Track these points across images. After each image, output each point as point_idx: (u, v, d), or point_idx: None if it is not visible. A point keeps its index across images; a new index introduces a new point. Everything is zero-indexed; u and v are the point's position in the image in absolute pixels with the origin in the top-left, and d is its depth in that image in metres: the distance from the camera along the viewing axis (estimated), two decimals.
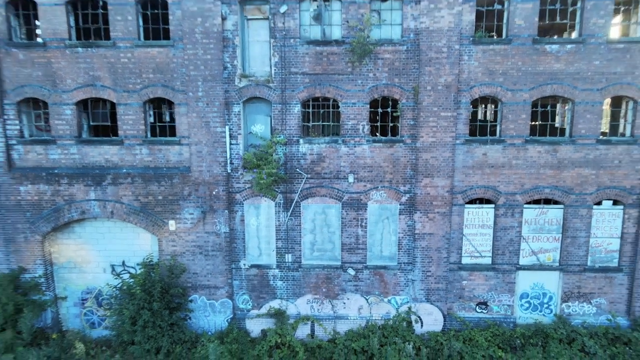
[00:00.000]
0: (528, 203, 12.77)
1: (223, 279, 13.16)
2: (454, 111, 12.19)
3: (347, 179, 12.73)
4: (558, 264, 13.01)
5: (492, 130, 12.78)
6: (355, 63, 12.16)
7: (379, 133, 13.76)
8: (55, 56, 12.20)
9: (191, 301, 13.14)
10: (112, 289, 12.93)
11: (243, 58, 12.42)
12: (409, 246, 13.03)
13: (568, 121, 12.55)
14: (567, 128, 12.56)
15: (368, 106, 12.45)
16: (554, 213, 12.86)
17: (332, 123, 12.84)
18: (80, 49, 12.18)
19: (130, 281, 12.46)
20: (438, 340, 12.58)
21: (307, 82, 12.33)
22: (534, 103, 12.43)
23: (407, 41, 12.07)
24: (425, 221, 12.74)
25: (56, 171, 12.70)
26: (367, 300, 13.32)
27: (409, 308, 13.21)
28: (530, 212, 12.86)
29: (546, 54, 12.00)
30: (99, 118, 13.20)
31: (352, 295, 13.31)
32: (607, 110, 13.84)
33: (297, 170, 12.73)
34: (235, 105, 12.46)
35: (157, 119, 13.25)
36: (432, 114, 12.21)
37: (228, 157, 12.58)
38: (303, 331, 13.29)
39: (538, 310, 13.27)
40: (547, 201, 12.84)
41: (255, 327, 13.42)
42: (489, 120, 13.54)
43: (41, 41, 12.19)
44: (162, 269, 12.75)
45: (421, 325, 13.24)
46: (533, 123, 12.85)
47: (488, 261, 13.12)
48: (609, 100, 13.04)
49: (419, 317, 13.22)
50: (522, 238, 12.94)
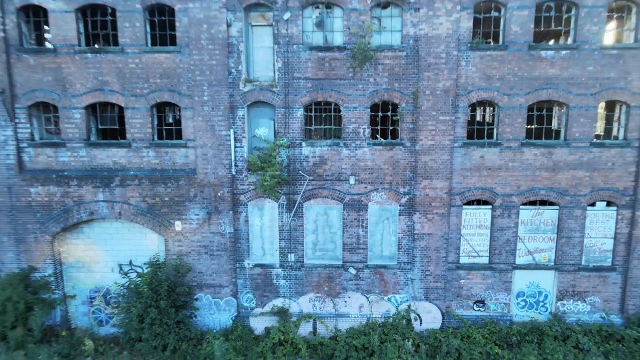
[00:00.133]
0: (524, 204, 13.12)
1: (227, 278, 13.52)
2: (452, 115, 12.54)
3: (349, 181, 13.09)
4: (553, 264, 13.36)
5: (489, 133, 13.14)
6: (356, 68, 12.51)
7: (380, 136, 14.12)
8: (65, 61, 12.55)
9: (197, 299, 13.48)
10: (120, 288, 13.26)
11: (247, 63, 12.77)
12: (409, 246, 13.39)
13: (563, 125, 12.91)
14: (562, 131, 12.92)
15: (369, 110, 12.80)
16: (549, 214, 13.22)
17: (334, 126, 13.20)
18: (89, 55, 12.54)
19: (137, 280, 12.80)
20: (437, 337, 12.92)
21: (310, 87, 12.69)
22: (530, 107, 12.80)
23: (407, 47, 12.43)
24: (424, 222, 13.09)
25: (66, 173, 13.05)
26: (368, 298, 13.67)
27: (409, 306, 13.57)
28: (526, 213, 13.22)
29: (541, 60, 12.36)
30: (107, 121, 13.54)
31: (353, 293, 13.66)
32: (602, 113, 14.19)
33: (300, 172, 13.09)
34: (239, 109, 12.82)
35: (164, 123, 13.57)
36: (431, 118, 12.57)
37: (233, 160, 12.94)
38: (305, 329, 13.65)
39: (534, 308, 13.62)
40: (543, 202, 13.19)
41: (259, 325, 13.77)
42: (487, 122, 13.86)
43: (51, 47, 12.55)
44: (169, 268, 13.08)
45: (420, 323, 13.59)
46: (529, 126, 13.21)
47: (485, 261, 13.47)
48: (604, 104, 13.38)
49: (418, 315, 13.57)
50: (519, 238, 13.29)
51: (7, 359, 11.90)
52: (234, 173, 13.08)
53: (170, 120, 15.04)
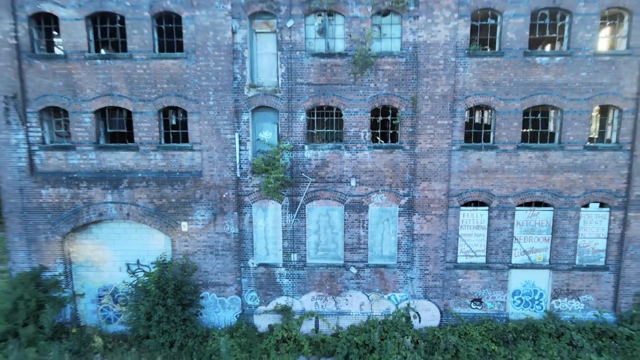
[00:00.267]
0: (520, 205, 13.53)
1: (232, 277, 13.92)
2: (450, 119, 12.95)
3: (350, 183, 13.49)
4: (548, 263, 13.76)
5: (486, 137, 13.56)
6: (357, 74, 12.91)
7: (380, 139, 14.52)
8: (75, 67, 12.95)
9: (202, 298, 13.89)
10: (128, 287, 13.65)
11: (252, 69, 13.18)
12: (408, 246, 13.79)
13: (557, 128, 13.33)
14: (557, 135, 13.33)
15: (369, 114, 13.20)
16: (544, 215, 13.63)
17: (336, 130, 13.61)
18: (99, 61, 12.94)
19: (145, 279, 13.21)
20: (435, 334, 13.31)
21: (312, 92, 13.09)
22: (525, 111, 13.22)
23: (406, 54, 12.83)
24: (423, 222, 13.50)
25: (75, 175, 13.45)
26: (368, 297, 14.08)
27: (408, 304, 13.96)
28: (521, 214, 13.62)
29: (536, 66, 12.76)
30: (116, 125, 13.94)
31: (354, 292, 14.07)
32: (596, 117, 14.59)
33: (303, 174, 13.49)
34: (244, 113, 13.22)
35: (171, 126, 13.95)
36: (430, 122, 12.97)
37: (237, 163, 13.35)
38: (308, 326, 14.05)
39: (529, 306, 14.02)
40: (538, 204, 13.59)
41: (262, 323, 14.17)
42: (484, 124, 14.27)
43: (62, 53, 12.96)
44: (175, 268, 13.48)
45: (419, 320, 13.99)
46: (524, 130, 13.59)
47: (482, 260, 13.88)
48: (598, 108, 13.78)
49: (417, 313, 13.98)
50: (514, 238, 13.70)
51: (20, 356, 12.28)
52: (239, 175, 13.48)
53: (176, 123, 15.39)
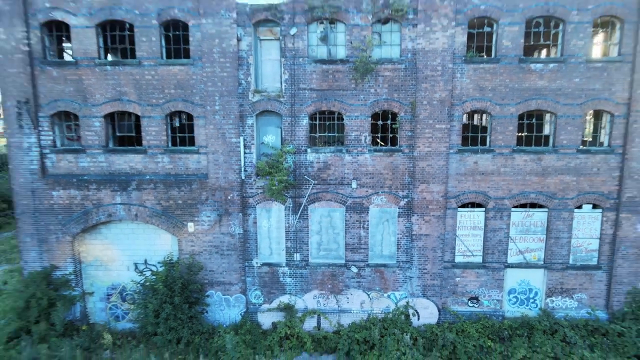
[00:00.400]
0: (515, 207, 13.97)
1: (237, 276, 14.37)
2: (448, 123, 13.40)
3: (351, 185, 13.94)
4: (543, 262, 14.20)
5: (483, 140, 14.00)
6: (358, 80, 13.36)
7: (380, 142, 14.97)
8: (85, 73, 13.38)
9: (208, 296, 14.34)
10: (136, 285, 14.09)
11: (256, 75, 13.63)
12: (407, 246, 14.24)
13: (551, 132, 13.77)
14: (551, 139, 13.77)
15: (370, 119, 13.64)
16: (539, 216, 14.07)
17: (337, 134, 14.06)
18: (108, 67, 13.39)
19: (152, 278, 13.65)
20: (433, 331, 13.74)
21: (315, 97, 13.54)
22: (520, 116, 13.65)
23: (405, 60, 13.27)
24: (421, 223, 13.94)
25: (85, 178, 13.89)
26: (369, 295, 14.53)
27: (407, 302, 14.41)
28: (517, 215, 14.07)
29: (531, 72, 13.20)
30: (125, 129, 14.40)
31: (355, 291, 14.52)
32: (590, 121, 15.06)
33: (305, 177, 13.94)
34: (248, 117, 13.67)
35: (178, 130, 14.40)
36: (428, 126, 13.42)
37: (242, 165, 13.80)
38: (310, 324, 14.48)
39: (525, 304, 14.48)
40: (533, 205, 14.03)
41: (266, 320, 14.62)
42: (481, 128, 14.68)
43: (73, 60, 13.37)
44: (182, 267, 13.91)
45: (418, 318, 14.44)
46: (520, 134, 14.04)
47: (479, 260, 14.32)
48: (592, 112, 14.22)
49: (416, 311, 14.43)
50: (510, 239, 14.14)
51: (32, 352, 12.72)
52: (244, 178, 13.93)
53: (183, 127, 15.84)
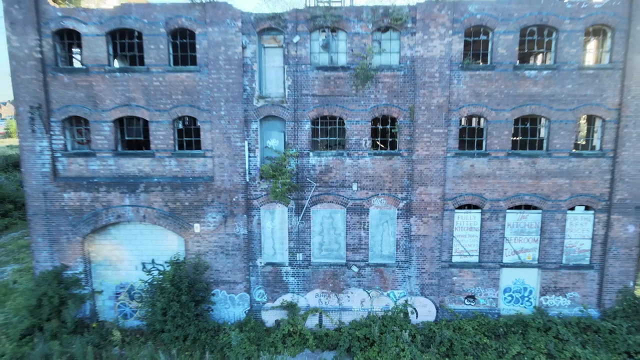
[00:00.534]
0: (510, 208, 14.47)
1: (241, 275, 14.86)
2: (445, 128, 13.88)
3: (352, 187, 14.43)
4: (537, 262, 14.69)
5: (479, 144, 14.49)
6: (358, 86, 13.84)
7: (380, 145, 15.45)
8: (96, 80, 13.87)
9: (213, 295, 14.82)
10: (144, 284, 14.59)
11: (260, 81, 14.11)
12: (406, 246, 14.73)
13: (545, 137, 14.26)
14: (544, 143, 14.25)
15: (370, 124, 14.12)
16: (533, 217, 14.57)
17: (338, 138, 14.54)
18: (118, 74, 13.87)
19: (160, 277, 14.13)
20: (431, 329, 14.21)
21: (317, 103, 14.03)
22: (515, 121, 14.15)
23: (404, 67, 13.77)
24: (420, 224, 14.44)
25: (95, 180, 14.38)
26: (369, 294, 15.01)
27: (406, 301, 14.90)
28: (512, 217, 14.56)
29: (525, 79, 13.69)
30: (133, 133, 14.84)
31: (356, 289, 15.00)
32: (584, 125, 15.54)
33: (308, 179, 14.43)
34: (253, 122, 14.16)
35: (184, 134, 14.86)
36: (426, 131, 13.91)
37: (247, 168, 14.28)
38: (312, 321, 14.97)
39: (519, 302, 14.97)
40: (527, 207, 14.53)
41: (269, 318, 15.11)
42: (477, 133, 15.17)
43: (84, 67, 13.86)
44: (188, 267, 14.41)
45: (416, 316, 14.93)
46: (514, 138, 14.52)
47: (475, 260, 14.81)
48: (584, 117, 14.71)
49: (415, 309, 14.92)
50: (505, 239, 14.64)
51: (45, 348, 13.20)
52: (248, 180, 14.42)
53: (189, 131, 16.29)
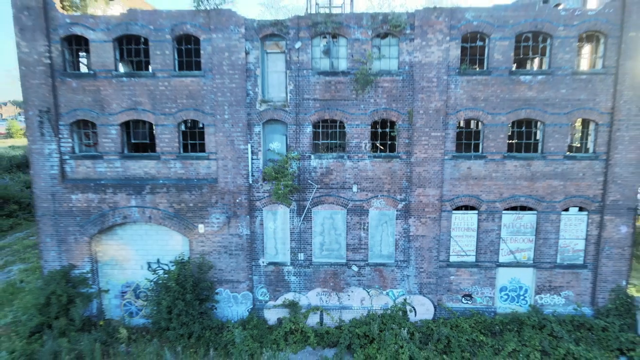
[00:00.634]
0: (506, 209, 14.85)
1: (244, 275, 15.25)
2: (443, 131, 14.27)
3: (352, 189, 14.81)
4: (532, 262, 15.07)
5: (476, 147, 14.88)
6: (358, 91, 14.23)
7: (380, 147, 15.84)
8: (103, 84, 14.26)
9: (217, 293, 15.21)
10: (149, 283, 14.98)
11: (263, 86, 14.50)
12: (405, 246, 15.12)
13: (540, 140, 14.65)
14: (539, 145, 14.64)
15: (369, 127, 14.51)
16: (529, 218, 14.96)
17: (339, 141, 14.93)
18: (124, 79, 14.25)
19: (165, 276, 14.50)
20: (429, 326, 14.57)
21: (318, 107, 14.41)
22: (511, 124, 14.54)
23: (403, 72, 14.15)
24: (418, 225, 14.83)
25: (102, 182, 14.77)
26: (369, 292, 15.40)
27: (405, 299, 15.29)
28: (508, 217, 14.95)
29: (520, 84, 14.08)
30: (139, 136, 15.24)
31: (356, 288, 15.39)
32: (579, 128, 15.92)
33: (309, 181, 14.82)
34: (256, 126, 14.55)
35: (189, 137, 15.23)
36: (424, 134, 14.30)
37: (250, 171, 14.67)
38: (313, 319, 15.35)
39: (515, 301, 15.36)
40: (523, 208, 14.90)
41: (272, 316, 15.50)
42: (474, 136, 15.54)
43: (91, 72, 14.24)
44: (193, 266, 14.79)
45: (415, 314, 15.32)
46: (510, 141, 14.91)
47: (472, 259, 15.20)
48: (577, 121, 15.09)
49: (413, 307, 15.31)
50: (501, 239, 15.03)
51: (54, 345, 13.58)
52: (251, 182, 14.81)
53: (194, 135, 16.67)
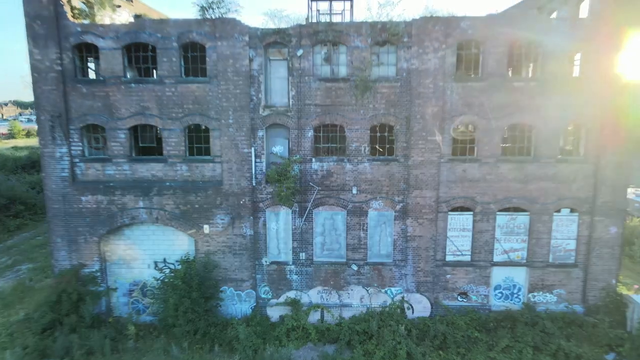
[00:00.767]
0: (500, 211, 15.37)
1: (248, 274, 15.79)
2: (439, 136, 14.82)
3: (352, 191, 15.34)
4: (525, 261, 15.59)
5: (471, 150, 15.41)
6: (358, 96, 14.75)
7: (379, 150, 16.35)
8: (112, 90, 14.78)
9: (222, 292, 15.73)
10: (156, 282, 15.50)
11: (266, 92, 15.03)
12: (402, 246, 15.65)
13: (533, 144, 15.17)
14: (532, 149, 15.17)
15: (369, 131, 15.02)
16: (522, 219, 15.50)
17: (339, 145, 15.44)
18: (133, 85, 14.78)
19: (171, 275, 15.02)
20: (426, 323, 15.03)
21: (319, 112, 14.94)
22: (505, 129, 15.08)
23: (401, 79, 14.67)
24: (415, 226, 15.36)
25: (111, 184, 15.29)
26: (368, 291, 15.93)
27: (402, 297, 15.82)
28: (502, 218, 15.48)
29: (514, 90, 14.61)
30: (147, 140, 15.76)
31: (355, 287, 15.92)
32: (569, 133, 16.43)
33: (310, 183, 15.35)
34: (259, 130, 15.08)
35: (195, 141, 15.75)
36: (421, 138, 14.83)
37: (253, 173, 15.21)
38: (314, 317, 15.85)
39: (509, 299, 15.90)
40: (516, 209, 15.41)
41: (274, 314, 16.02)
42: (469, 140, 16.03)
43: (101, 78, 14.78)
44: (198, 265, 15.28)
45: (412, 311, 15.85)
46: (504, 145, 15.44)
47: (468, 259, 15.71)
48: (570, 125, 15.61)
49: (411, 305, 15.84)
50: (496, 239, 15.55)
51: (65, 341, 14.10)
52: (254, 184, 15.34)
53: (199, 138, 17.18)
